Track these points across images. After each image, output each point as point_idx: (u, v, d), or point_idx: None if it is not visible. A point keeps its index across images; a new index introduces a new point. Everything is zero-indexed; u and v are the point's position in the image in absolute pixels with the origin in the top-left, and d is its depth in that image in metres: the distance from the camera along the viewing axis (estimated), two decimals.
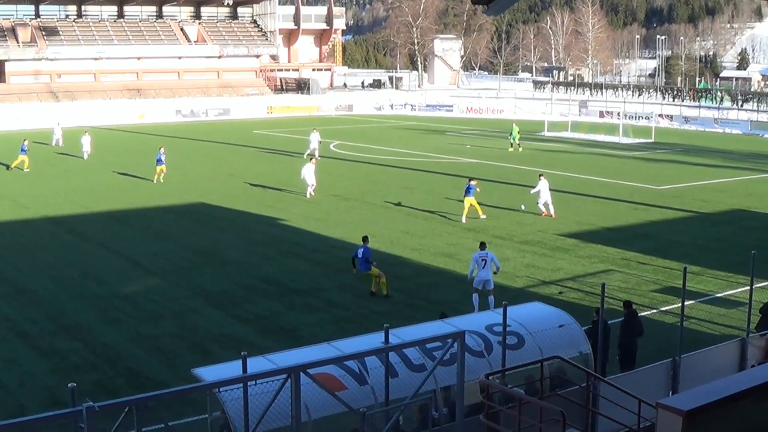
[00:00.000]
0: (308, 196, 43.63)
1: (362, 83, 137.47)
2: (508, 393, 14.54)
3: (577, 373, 16.03)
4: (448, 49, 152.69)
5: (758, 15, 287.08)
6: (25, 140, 56.04)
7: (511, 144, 65.79)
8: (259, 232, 36.44)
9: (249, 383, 11.88)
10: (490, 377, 14.55)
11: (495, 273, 25.25)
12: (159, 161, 48.90)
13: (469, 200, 37.86)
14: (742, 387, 10.76)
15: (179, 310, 25.61)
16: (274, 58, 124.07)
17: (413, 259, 31.43)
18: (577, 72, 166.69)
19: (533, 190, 39.49)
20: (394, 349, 13.92)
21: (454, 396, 14.25)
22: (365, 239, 27.96)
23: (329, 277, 29.22)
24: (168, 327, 24.03)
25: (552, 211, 38.92)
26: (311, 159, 48.77)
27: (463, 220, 37.72)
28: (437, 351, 14.57)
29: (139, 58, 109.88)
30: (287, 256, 32.17)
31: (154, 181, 48.38)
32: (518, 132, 66.17)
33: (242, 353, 12.50)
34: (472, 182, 38.50)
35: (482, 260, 24.95)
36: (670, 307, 24.94)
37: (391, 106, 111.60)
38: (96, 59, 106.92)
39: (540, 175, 39.72)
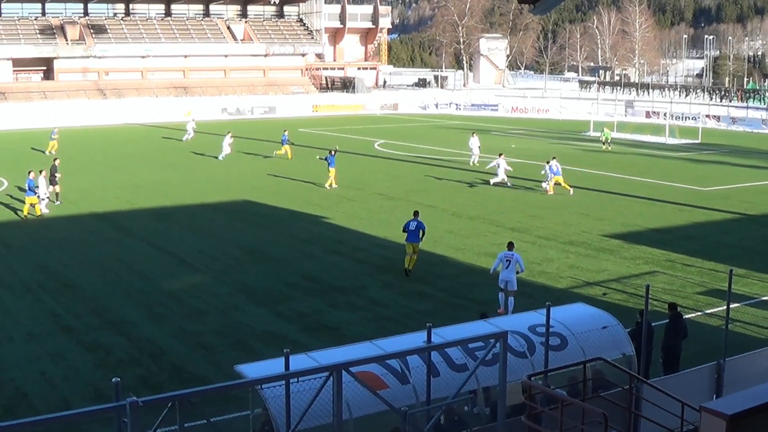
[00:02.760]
0: None
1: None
2: (550, 394, 14.48)
3: (620, 375, 15.93)
4: (494, 48, 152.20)
5: None
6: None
7: (603, 142, 67.90)
8: (303, 229, 36.54)
9: (291, 380, 11.92)
10: (532, 378, 14.49)
11: (518, 273, 25.18)
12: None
13: (557, 178, 44.84)
14: None
15: (222, 306, 25.74)
16: (319, 56, 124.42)
17: (456, 259, 31.39)
18: (624, 72, 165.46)
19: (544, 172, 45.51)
20: (436, 348, 13.91)
21: (496, 396, 14.22)
22: (416, 213, 29.96)
23: (372, 275, 29.26)
24: (211, 323, 24.16)
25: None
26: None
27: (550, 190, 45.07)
28: (479, 351, 14.54)
29: (185, 56, 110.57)
30: (330, 254, 32.23)
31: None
32: (609, 133, 69.25)
33: (285, 350, 12.54)
34: (553, 161, 45.76)
35: (507, 260, 24.96)
36: (715, 309, 24.70)
37: (436, 106, 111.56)
38: (143, 57, 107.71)
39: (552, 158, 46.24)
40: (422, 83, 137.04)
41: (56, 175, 41.77)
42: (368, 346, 15.37)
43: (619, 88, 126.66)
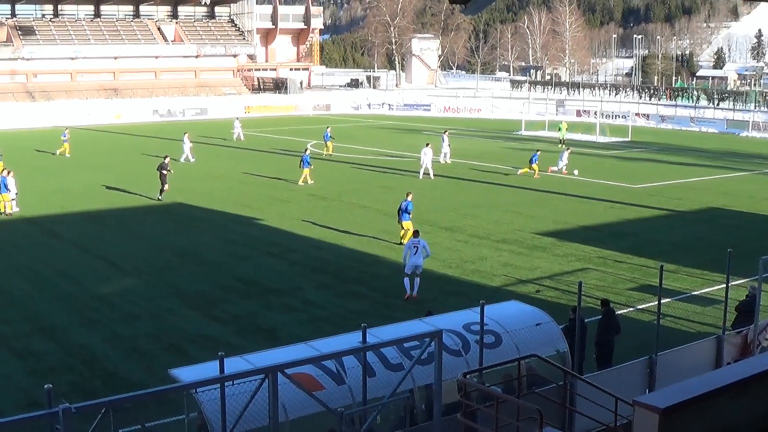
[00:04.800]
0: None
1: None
2: (486, 392, 14.55)
3: (554, 372, 16.06)
4: (426, 48, 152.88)
5: (734, 14, 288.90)
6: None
7: (560, 141, 69.10)
8: (236, 231, 36.35)
9: (226, 384, 11.84)
10: (467, 376, 14.55)
11: (425, 257, 26.62)
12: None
13: (535, 166, 49.95)
14: (718, 384, 10.76)
15: (156, 310, 25.50)
16: (251, 57, 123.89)
17: (391, 259, 31.40)
18: (555, 71, 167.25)
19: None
20: (371, 348, 13.91)
21: (432, 395, 14.26)
22: (408, 194, 32.87)
23: (306, 276, 29.18)
24: (145, 328, 23.93)
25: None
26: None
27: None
28: (415, 350, 14.58)
29: (115, 58, 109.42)
30: (264, 256, 32.11)
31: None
32: (566, 129, 71.11)
33: (219, 353, 12.44)
34: (538, 152, 50.78)
35: (414, 247, 26.44)
36: (647, 305, 25.01)
37: (369, 106, 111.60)
38: (72, 59, 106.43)
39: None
40: (355, 84, 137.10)
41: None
42: (303, 347, 15.34)
43: (550, 87, 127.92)
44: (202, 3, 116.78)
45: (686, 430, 10.16)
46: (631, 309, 25.24)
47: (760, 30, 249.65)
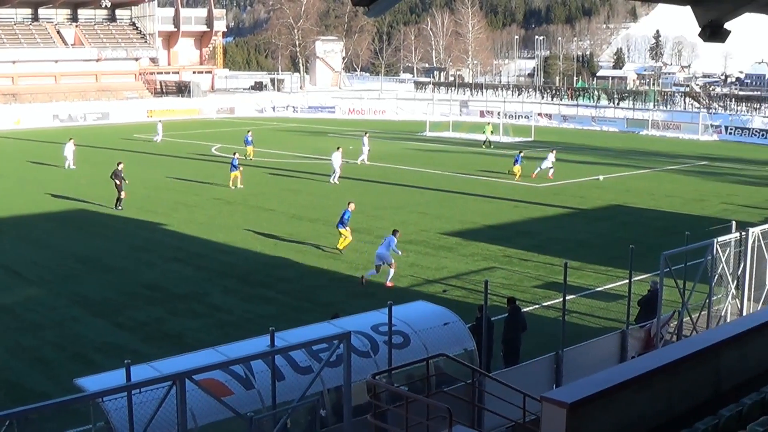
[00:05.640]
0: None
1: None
2: (395, 392, 14.61)
3: (463, 370, 16.19)
4: (330, 50, 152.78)
5: (633, 15, 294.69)
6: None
7: (487, 142, 69.64)
8: (140, 237, 35.87)
9: (133, 392, 11.69)
10: (376, 377, 14.59)
11: (388, 251, 28.25)
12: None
13: (517, 168, 50.69)
14: (622, 378, 11.00)
15: (60, 319, 25.03)
16: (153, 60, 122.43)
17: (298, 261, 31.33)
18: (458, 72, 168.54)
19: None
20: (279, 352, 13.86)
21: (342, 397, 14.26)
22: (349, 203, 32.73)
23: (213, 281, 28.94)
24: (48, 337, 23.47)
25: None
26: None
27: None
28: (324, 353, 14.56)
29: (14, 62, 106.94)
30: (169, 261, 31.75)
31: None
32: (491, 131, 71.29)
33: (125, 361, 12.28)
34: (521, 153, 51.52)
35: (384, 239, 28.83)
36: (552, 302, 25.38)
37: (273, 109, 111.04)
38: None
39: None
40: (259, 86, 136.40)
41: None
42: (211, 352, 15.22)
43: (453, 88, 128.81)
44: (103, 6, 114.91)
45: (593, 424, 10.35)
46: (537, 306, 25.57)
47: (658, 31, 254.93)
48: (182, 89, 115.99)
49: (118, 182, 41.59)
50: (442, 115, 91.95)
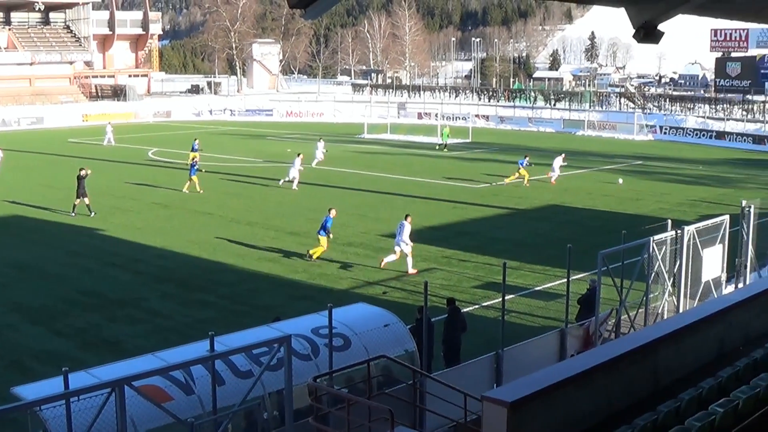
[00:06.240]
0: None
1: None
2: (336, 394, 14.59)
3: (404, 371, 16.22)
4: (267, 53, 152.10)
5: (568, 17, 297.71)
6: None
7: (442, 145, 69.32)
8: (77, 243, 35.43)
9: (72, 399, 11.55)
10: (317, 380, 14.57)
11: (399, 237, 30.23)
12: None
13: (523, 171, 49.24)
14: (562, 376, 11.09)
15: None
16: (88, 64, 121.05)
17: (237, 265, 31.19)
18: (395, 74, 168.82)
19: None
20: (219, 356, 13.76)
21: (283, 400, 14.21)
22: (330, 209, 32.35)
23: (151, 286, 28.69)
24: None
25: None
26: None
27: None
28: (264, 356, 14.50)
29: None
30: (107, 267, 31.40)
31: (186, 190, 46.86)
32: (448, 134, 71.25)
33: (63, 369, 12.13)
34: (526, 158, 50.30)
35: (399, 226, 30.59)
36: (492, 302, 25.51)
37: (210, 112, 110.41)
38: None
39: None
40: (195, 90, 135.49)
41: None
42: (150, 358, 15.08)
43: (391, 90, 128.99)
44: (36, 9, 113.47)
45: (534, 422, 10.43)
46: (477, 306, 25.70)
47: (593, 32, 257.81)
48: (118, 93, 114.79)
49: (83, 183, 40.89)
50: (380, 117, 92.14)
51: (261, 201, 44.24)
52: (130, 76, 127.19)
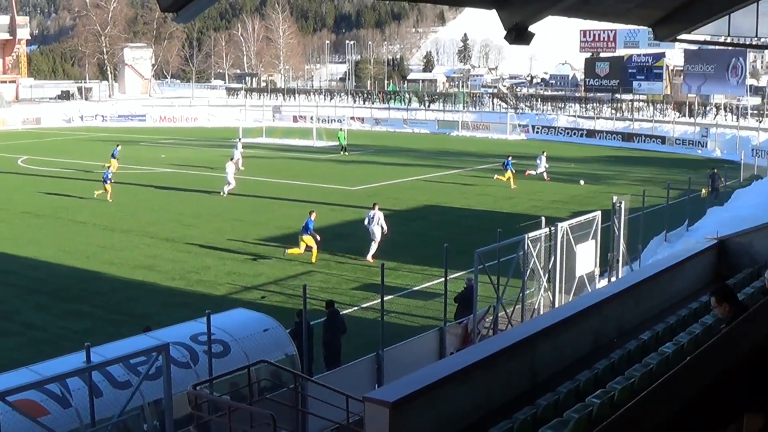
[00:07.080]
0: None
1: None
2: (216, 401, 14.48)
3: (285, 375, 16.19)
4: (139, 57, 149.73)
5: (441, 19, 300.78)
6: None
7: (342, 148, 68.75)
8: None
9: None
10: (197, 387, 14.43)
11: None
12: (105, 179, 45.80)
13: (508, 174, 49.51)
14: (442, 374, 11.19)
15: None
16: None
17: (112, 274, 30.63)
18: (270, 78, 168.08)
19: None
20: (96, 368, 13.51)
21: (164, 410, 14.03)
22: (311, 212, 33.04)
23: (23, 298, 27.97)
24: None
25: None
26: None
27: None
28: (142, 366, 14.29)
29: None
30: None
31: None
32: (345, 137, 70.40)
33: None
34: (510, 158, 50.69)
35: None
36: (371, 303, 25.60)
37: (82, 118, 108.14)
38: None
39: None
40: (66, 96, 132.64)
41: None
42: (25, 372, 14.72)
43: (266, 94, 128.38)
44: None
45: (416, 420, 10.50)
46: (356, 308, 25.79)
47: (465, 34, 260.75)
48: None
49: None
50: (255, 120, 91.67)
51: (134, 208, 43.55)
52: None
